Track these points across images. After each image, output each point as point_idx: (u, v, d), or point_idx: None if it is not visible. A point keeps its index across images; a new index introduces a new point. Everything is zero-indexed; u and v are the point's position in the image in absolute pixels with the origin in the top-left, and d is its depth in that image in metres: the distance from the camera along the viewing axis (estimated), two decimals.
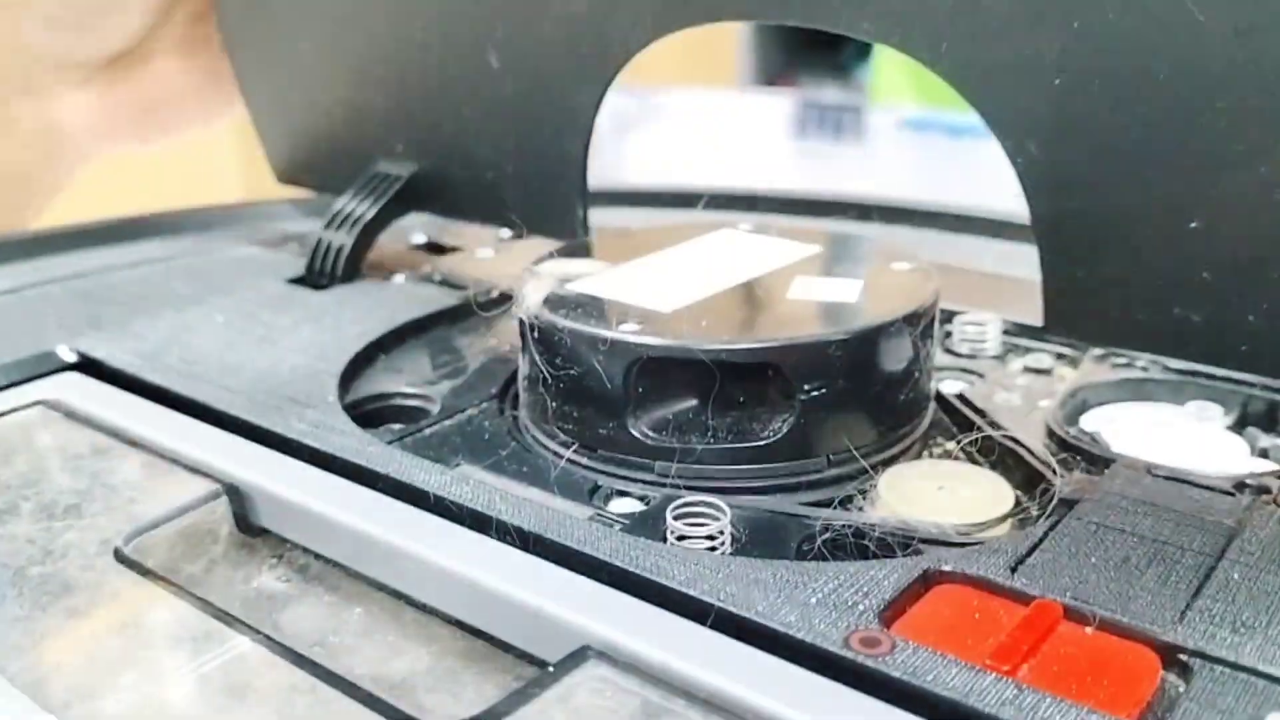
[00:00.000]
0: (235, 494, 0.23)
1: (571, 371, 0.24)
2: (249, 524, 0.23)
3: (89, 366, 0.29)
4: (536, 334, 0.24)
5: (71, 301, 0.33)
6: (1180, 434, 0.25)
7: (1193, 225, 0.23)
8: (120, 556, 0.21)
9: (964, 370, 0.29)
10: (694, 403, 0.24)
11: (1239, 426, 0.26)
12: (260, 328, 0.31)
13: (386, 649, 0.20)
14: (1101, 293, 0.25)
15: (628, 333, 0.23)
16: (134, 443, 0.25)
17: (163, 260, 0.37)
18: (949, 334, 0.30)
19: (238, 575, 0.22)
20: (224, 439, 0.25)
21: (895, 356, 0.24)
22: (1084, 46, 0.23)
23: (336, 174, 0.38)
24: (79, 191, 0.41)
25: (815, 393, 0.23)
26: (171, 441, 0.24)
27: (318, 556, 0.22)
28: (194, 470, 0.23)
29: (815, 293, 0.26)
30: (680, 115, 0.67)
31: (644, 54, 0.29)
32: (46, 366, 0.29)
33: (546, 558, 0.20)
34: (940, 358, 0.29)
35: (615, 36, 0.29)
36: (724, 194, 0.42)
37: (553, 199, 0.33)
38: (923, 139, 0.78)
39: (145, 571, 0.21)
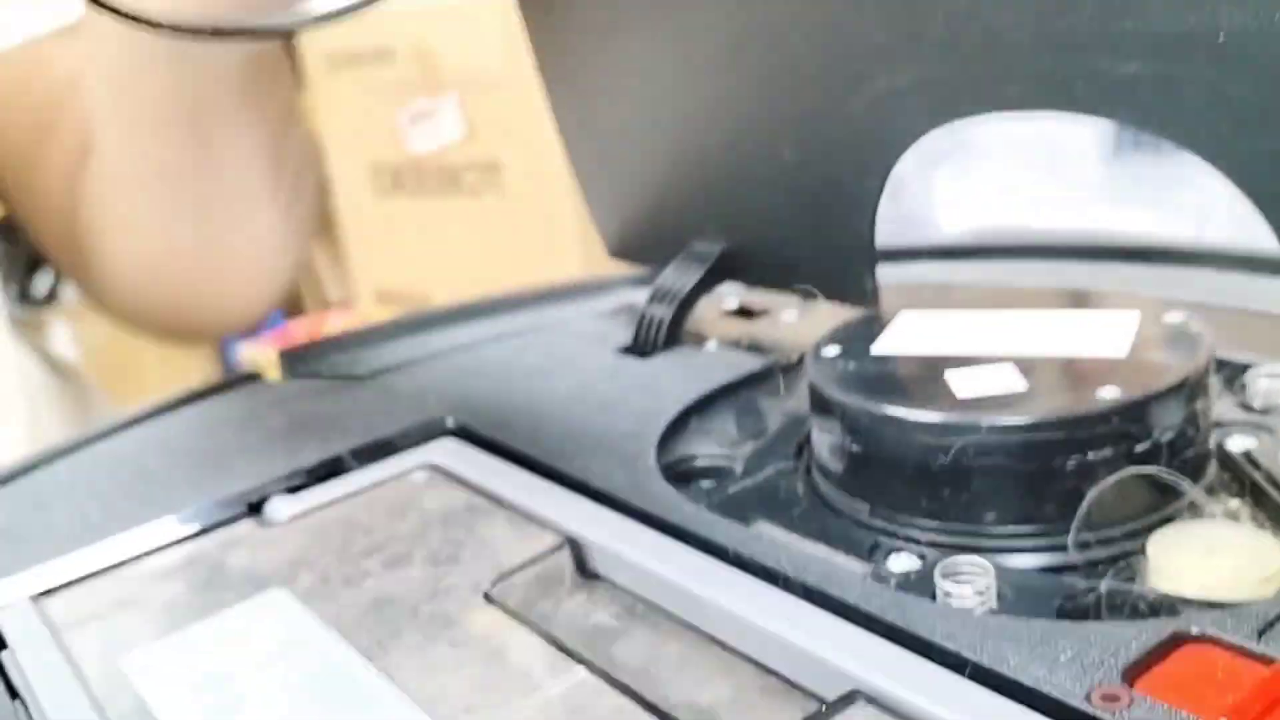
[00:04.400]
0: (575, 546, 0.28)
1: (860, 447, 0.27)
2: (587, 570, 0.28)
3: (464, 433, 0.35)
4: (827, 407, 0.28)
5: (448, 375, 0.40)
6: None
7: None
8: (489, 598, 0.26)
9: (1257, 425, 0.29)
10: (988, 477, 0.26)
11: None
12: (597, 395, 0.36)
13: (696, 680, 0.24)
14: None
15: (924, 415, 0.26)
16: (499, 501, 0.31)
17: (519, 335, 0.43)
18: (1243, 386, 0.30)
19: (579, 613, 0.27)
20: (568, 497, 0.30)
21: (1171, 420, 0.25)
22: None
23: (659, 250, 0.43)
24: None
25: (1097, 459, 0.25)
26: (528, 501, 0.30)
27: (642, 599, 0.27)
28: (544, 525, 0.29)
29: (1086, 350, 0.27)
30: (987, 146, 0.67)
31: None
32: (430, 431, 0.35)
33: (827, 609, 0.23)
34: (1231, 412, 0.30)
35: (891, 132, 0.32)
36: (1020, 245, 0.43)
37: (844, 271, 0.36)
38: None
39: (508, 610, 0.26)
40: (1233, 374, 0.31)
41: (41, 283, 1.47)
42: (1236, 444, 0.28)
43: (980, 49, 0.29)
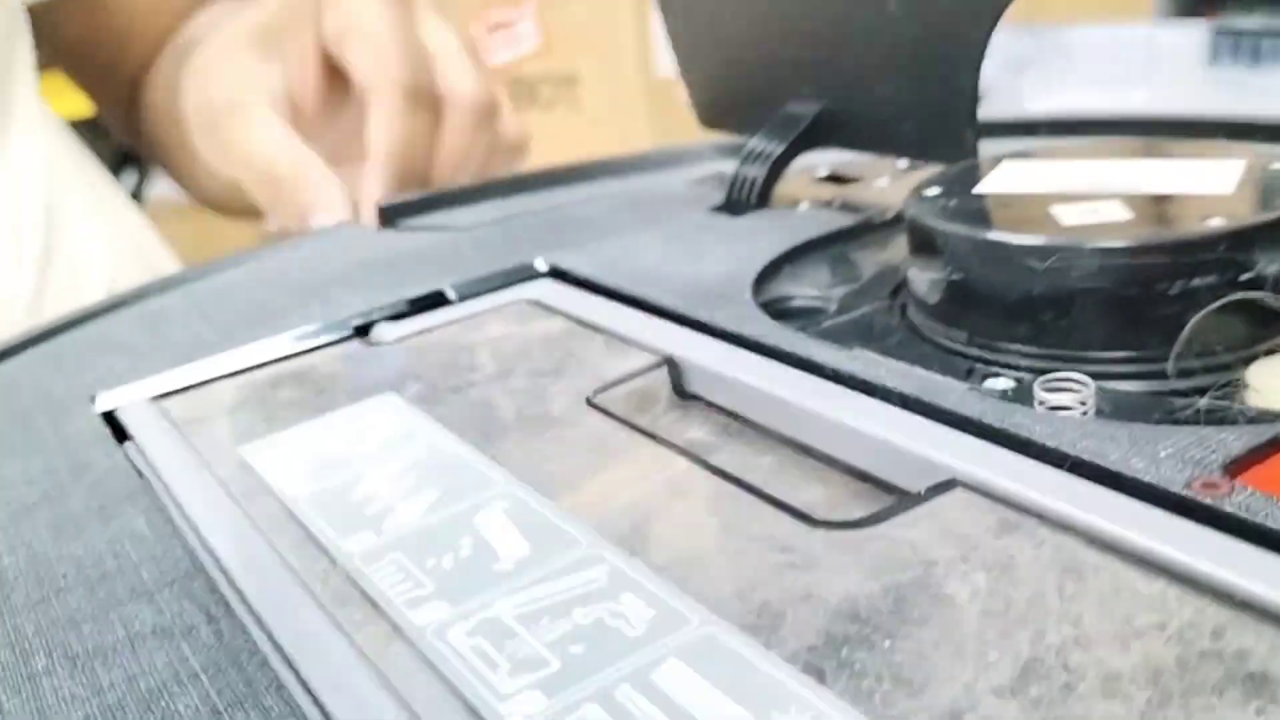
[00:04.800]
0: (673, 365, 0.29)
1: (961, 275, 0.27)
2: (683, 390, 0.29)
3: (559, 275, 0.36)
4: (928, 239, 0.28)
5: (543, 229, 0.41)
6: None
7: None
8: (590, 403, 0.27)
9: None
10: (1091, 301, 0.26)
11: None
12: (690, 246, 0.36)
13: (789, 486, 0.25)
14: None
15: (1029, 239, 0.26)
16: (596, 328, 0.31)
17: (610, 197, 0.44)
18: None
19: (676, 428, 0.28)
20: (664, 325, 0.30)
21: (1276, 252, 0.25)
22: None
23: (753, 116, 0.43)
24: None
25: (1201, 285, 0.25)
26: (624, 328, 0.31)
27: (736, 417, 0.28)
28: (642, 348, 0.30)
29: (1201, 187, 0.27)
30: (1083, 51, 0.66)
31: None
32: (527, 274, 0.36)
33: (925, 415, 0.24)
34: None
35: None
36: (1120, 119, 0.43)
37: (945, 129, 0.36)
38: None
39: (609, 415, 0.27)
40: None
41: (127, 182, 1.51)
42: None
43: None
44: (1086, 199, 0.28)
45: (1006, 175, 0.31)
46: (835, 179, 0.42)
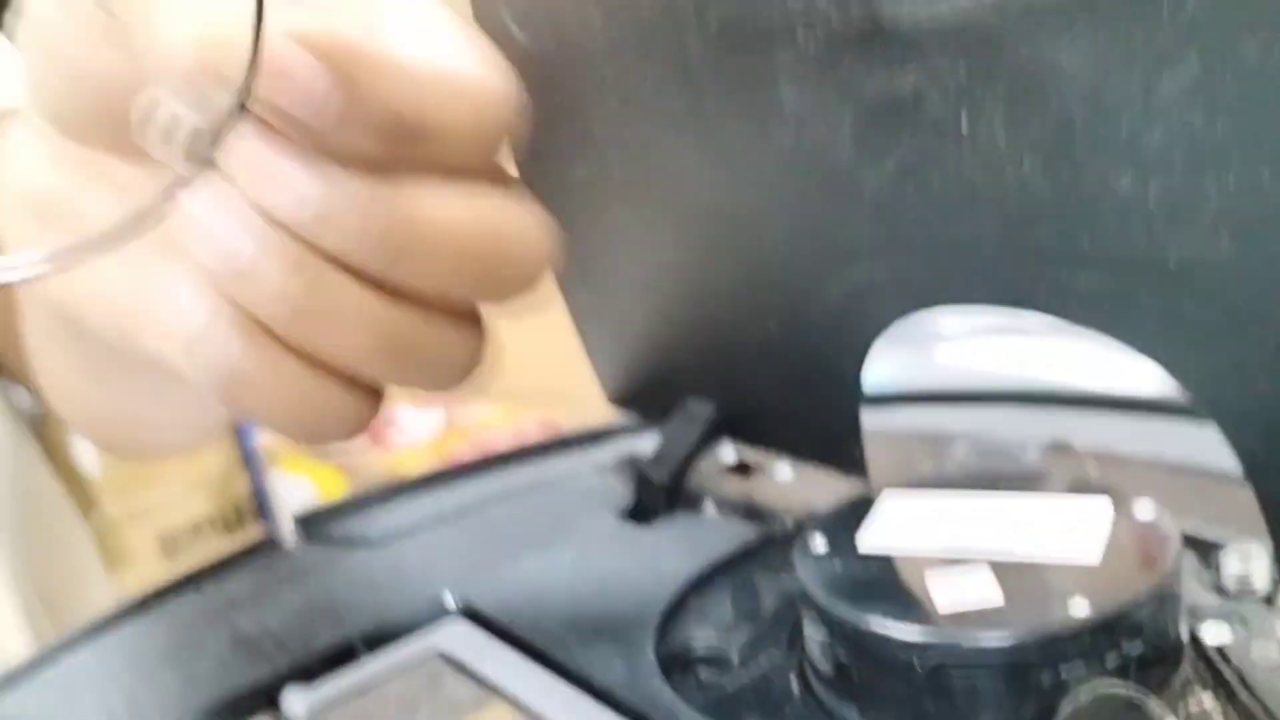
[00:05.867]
0: None
1: (847, 656, 0.28)
2: None
3: (470, 614, 0.36)
4: (816, 611, 0.29)
5: (455, 541, 0.41)
6: None
7: None
8: None
9: (1230, 613, 0.30)
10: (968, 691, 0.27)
11: None
12: (598, 571, 0.37)
13: None
14: None
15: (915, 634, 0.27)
16: (504, 697, 0.32)
17: (527, 493, 0.45)
18: (1216, 567, 0.31)
19: None
20: (570, 694, 0.31)
21: (1139, 632, 0.26)
22: None
23: (657, 402, 0.44)
24: None
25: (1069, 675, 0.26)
26: (530, 698, 0.31)
27: None
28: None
29: (1067, 550, 0.28)
30: None
31: None
32: (438, 612, 0.37)
33: None
34: (1205, 596, 0.31)
35: (866, 319, 0.33)
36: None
37: (831, 438, 0.37)
38: None
39: None
40: (1204, 550, 0.32)
41: None
42: (1211, 634, 0.29)
43: (949, 251, 0.31)
44: (960, 565, 0.29)
45: (888, 523, 0.32)
46: (741, 468, 0.43)
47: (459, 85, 0.25)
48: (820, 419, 0.37)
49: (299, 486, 1.52)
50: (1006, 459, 0.38)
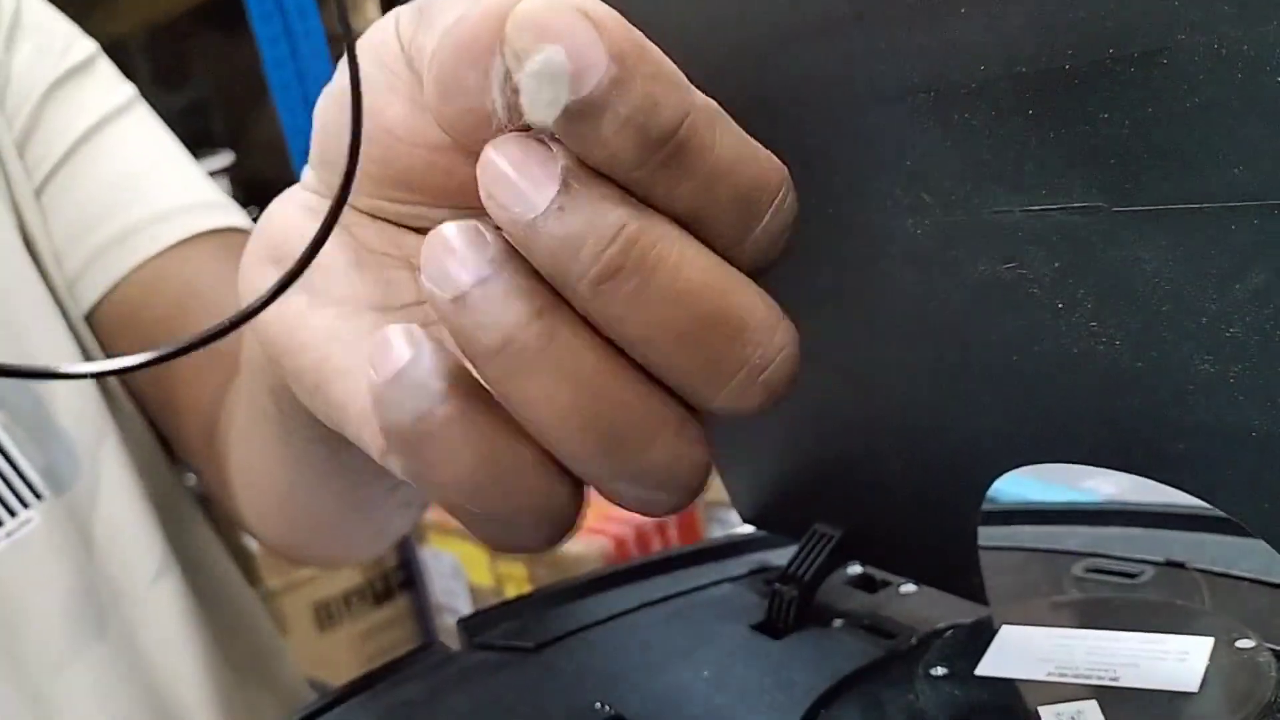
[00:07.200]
0: None
1: None
2: None
3: None
4: None
5: (602, 650, 0.46)
6: None
7: None
8: None
9: None
10: None
11: None
12: (733, 683, 0.41)
13: None
14: None
15: None
16: None
17: (667, 601, 0.49)
18: None
19: None
20: None
21: None
22: None
23: (788, 523, 0.48)
24: None
25: None
26: None
27: None
28: None
29: (1167, 679, 0.31)
30: None
31: None
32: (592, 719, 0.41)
33: None
34: None
35: (979, 465, 0.36)
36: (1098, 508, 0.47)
37: (951, 566, 0.40)
38: None
39: None
40: None
41: None
42: None
43: (1053, 412, 0.34)
44: (1069, 697, 0.32)
45: (1004, 651, 0.35)
46: (866, 581, 0.47)
47: (741, 136, 0.24)
48: (939, 547, 0.41)
49: (446, 560, 1.59)
50: (1120, 584, 0.41)
